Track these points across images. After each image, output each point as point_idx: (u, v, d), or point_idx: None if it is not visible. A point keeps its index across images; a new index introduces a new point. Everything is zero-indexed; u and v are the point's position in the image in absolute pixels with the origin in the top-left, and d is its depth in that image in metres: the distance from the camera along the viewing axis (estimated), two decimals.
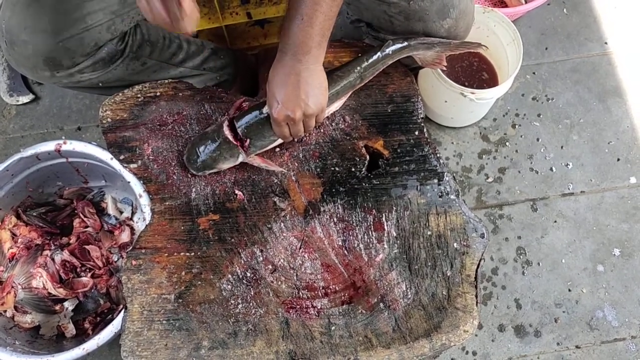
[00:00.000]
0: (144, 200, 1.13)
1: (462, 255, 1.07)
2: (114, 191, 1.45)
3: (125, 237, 1.40)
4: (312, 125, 1.05)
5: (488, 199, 1.59)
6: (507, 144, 1.64)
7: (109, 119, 1.15)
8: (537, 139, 1.65)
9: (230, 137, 1.05)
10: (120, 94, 1.16)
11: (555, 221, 1.57)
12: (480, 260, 1.07)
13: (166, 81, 1.18)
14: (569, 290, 1.50)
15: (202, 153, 1.07)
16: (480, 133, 1.66)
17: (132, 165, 1.13)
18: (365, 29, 1.14)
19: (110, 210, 1.44)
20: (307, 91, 0.99)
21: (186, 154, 1.10)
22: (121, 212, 1.45)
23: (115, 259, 1.39)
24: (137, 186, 1.13)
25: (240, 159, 1.08)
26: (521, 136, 1.65)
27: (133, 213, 1.46)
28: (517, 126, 1.66)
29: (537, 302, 1.49)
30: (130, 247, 1.10)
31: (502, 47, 1.53)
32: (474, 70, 1.62)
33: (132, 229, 1.44)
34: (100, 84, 1.16)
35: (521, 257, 1.53)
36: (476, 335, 1.46)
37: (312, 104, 1.00)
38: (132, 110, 1.15)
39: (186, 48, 1.30)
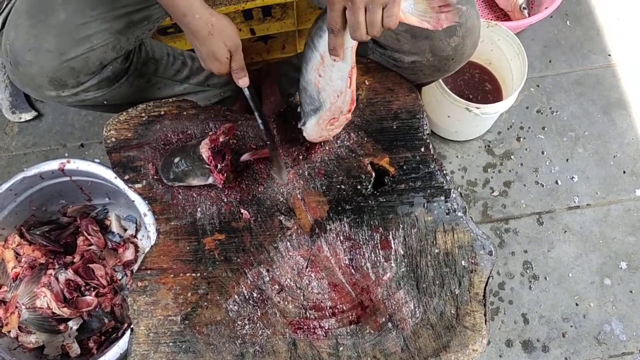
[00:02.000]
0: (149, 220, 1.13)
1: (470, 273, 1.06)
2: (117, 208, 1.45)
3: (129, 254, 1.40)
4: (379, 18, 0.78)
5: (494, 212, 1.58)
6: (512, 157, 1.64)
7: (113, 139, 1.15)
8: (542, 152, 1.65)
9: (205, 156, 1.05)
10: (125, 113, 1.16)
11: (562, 235, 1.56)
12: (488, 278, 1.06)
13: (170, 100, 1.18)
14: (577, 304, 1.50)
15: (175, 164, 1.07)
16: (485, 146, 1.66)
17: (137, 185, 1.13)
18: (372, 46, 1.14)
19: (114, 227, 1.44)
20: None
21: (162, 161, 1.10)
22: (125, 230, 1.44)
23: (120, 277, 1.38)
24: (141, 205, 1.13)
25: (210, 180, 1.07)
26: (526, 149, 1.65)
27: (137, 230, 1.45)
28: (521, 139, 1.66)
29: (545, 317, 1.48)
30: (135, 267, 1.09)
31: (507, 61, 1.53)
32: (476, 82, 1.63)
33: (136, 247, 1.43)
34: (105, 102, 1.17)
35: (528, 271, 1.53)
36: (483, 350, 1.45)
37: None
38: (137, 130, 1.15)
39: (190, 65, 1.31)
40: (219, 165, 1.06)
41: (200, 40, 0.96)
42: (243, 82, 1.03)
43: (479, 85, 1.62)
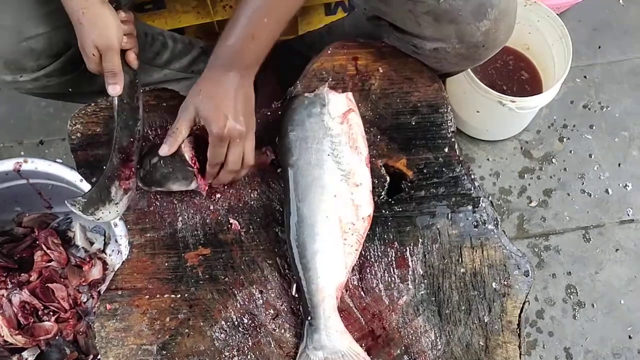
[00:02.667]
0: (120, 230, 1.13)
1: (502, 298, 1.06)
2: (82, 219, 1.45)
3: (96, 273, 1.41)
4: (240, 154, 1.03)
5: (531, 227, 1.59)
6: (553, 160, 1.65)
7: (79, 134, 1.16)
8: (590, 155, 1.65)
9: (188, 157, 1.05)
10: (93, 104, 1.17)
11: (612, 254, 1.56)
12: (524, 304, 1.06)
13: (147, 88, 1.19)
14: (630, 337, 1.50)
15: (152, 166, 1.06)
16: (522, 148, 1.66)
17: None
18: (388, 28, 1.14)
19: (79, 240, 1.45)
20: (242, 107, 1.01)
21: (137, 161, 1.10)
22: (91, 243, 1.45)
23: (85, 300, 1.39)
24: None
25: (193, 185, 1.08)
26: (570, 151, 1.66)
27: (106, 244, 1.46)
28: (565, 140, 1.67)
29: (592, 352, 1.48)
30: (104, 287, 1.10)
31: (547, 46, 1.54)
32: (510, 71, 1.63)
33: (104, 263, 1.44)
34: (70, 90, 1.17)
35: (572, 297, 1.53)
36: None
37: (245, 124, 1.01)
38: (107, 124, 1.16)
39: (172, 47, 1.32)
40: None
41: (74, 26, 0.98)
42: (113, 89, 1.04)
43: (514, 75, 1.62)
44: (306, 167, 1.05)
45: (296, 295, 1.06)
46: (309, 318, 1.02)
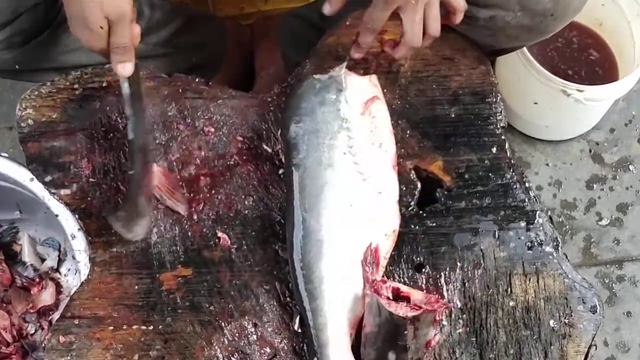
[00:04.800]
0: (79, 244, 1.14)
1: (562, 340, 1.06)
2: (32, 228, 1.46)
3: (47, 297, 1.41)
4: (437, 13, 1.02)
5: (601, 251, 1.58)
6: (630, 167, 1.64)
7: (30, 121, 1.17)
8: None
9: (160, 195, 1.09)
10: (49, 84, 1.17)
11: None
12: (589, 348, 1.06)
13: None
14: None
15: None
16: (590, 150, 1.66)
17: (64, 192, 1.14)
18: None
19: (27, 256, 1.45)
20: None
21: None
22: (43, 260, 1.46)
23: (32, 331, 1.40)
24: (69, 222, 1.14)
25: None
26: None
27: (60, 261, 1.47)
28: None
29: None
30: (57, 315, 1.10)
31: (625, 22, 1.54)
32: (575, 51, 1.63)
33: (58, 286, 1.44)
34: (18, 67, 1.18)
35: None
36: None
37: None
38: (66, 109, 1.17)
39: (148, 15, 1.32)
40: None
41: None
42: (123, 68, 1.02)
43: (581, 55, 1.62)
44: (315, 168, 1.05)
45: (299, 331, 1.06)
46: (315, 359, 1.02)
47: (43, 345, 1.35)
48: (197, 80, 1.21)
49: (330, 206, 1.03)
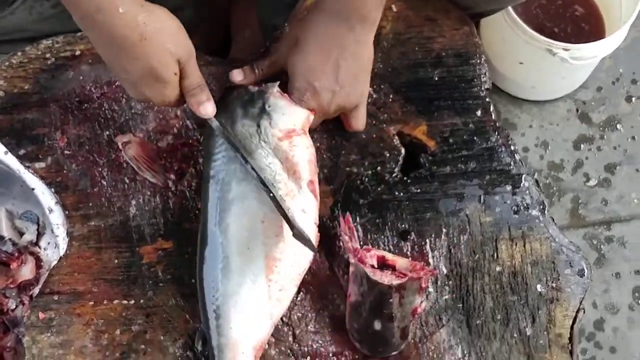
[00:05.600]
0: (56, 218, 1.13)
1: (549, 304, 1.06)
2: (9, 202, 1.45)
3: (27, 272, 1.40)
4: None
5: (589, 212, 1.58)
6: (618, 126, 1.64)
7: (1, 92, 1.15)
8: None
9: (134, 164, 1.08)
10: (20, 54, 1.16)
11: None
12: (577, 312, 1.06)
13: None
14: None
15: None
16: (577, 110, 1.65)
17: (38, 165, 1.13)
18: None
19: (4, 230, 1.44)
20: (352, 76, 1.03)
21: None
22: (21, 234, 1.45)
23: (12, 307, 1.39)
24: (45, 196, 1.13)
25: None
26: None
27: (39, 235, 1.46)
28: (634, 99, 1.66)
29: None
30: (36, 290, 1.09)
31: None
32: (560, 8, 1.62)
33: (37, 260, 1.43)
34: None
35: None
36: None
37: (353, 95, 1.05)
38: (38, 79, 1.15)
39: None
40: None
41: (127, 53, 0.89)
42: (206, 109, 0.99)
43: (566, 12, 1.61)
44: (229, 180, 1.02)
45: (200, 349, 1.04)
46: None
47: (24, 320, 1.34)
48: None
49: (241, 221, 1.00)
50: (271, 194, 0.97)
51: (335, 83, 1.03)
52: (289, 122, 1.04)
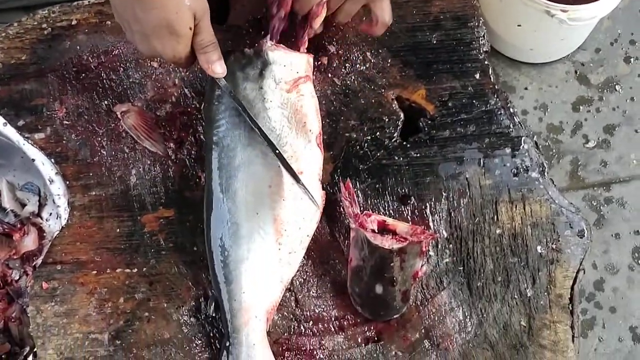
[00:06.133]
0: (57, 188, 1.13)
1: (549, 265, 1.07)
2: (10, 173, 1.45)
3: (30, 242, 1.41)
4: None
5: (588, 174, 1.58)
6: (617, 88, 1.63)
7: None
8: None
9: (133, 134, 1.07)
10: (16, 25, 1.16)
11: None
12: (578, 272, 1.07)
13: (86, 2, 1.17)
14: None
15: None
16: (576, 72, 1.65)
17: (38, 135, 1.13)
18: None
19: (6, 202, 1.44)
20: None
21: None
22: (23, 205, 1.45)
23: (16, 277, 1.39)
24: (45, 167, 1.13)
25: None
26: (639, 76, 1.64)
27: (41, 205, 1.46)
28: (632, 60, 1.65)
29: None
30: (39, 261, 1.10)
31: None
32: None
33: (40, 231, 1.44)
34: None
35: None
36: None
37: None
38: (35, 50, 1.15)
39: None
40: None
41: (145, 1, 0.88)
42: (218, 67, 0.98)
43: None
44: (234, 146, 1.02)
45: (214, 315, 1.05)
46: (228, 344, 1.01)
47: (28, 291, 1.35)
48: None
49: (248, 187, 1.00)
50: (277, 151, 0.98)
51: None
52: (292, 72, 1.04)
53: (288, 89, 1.03)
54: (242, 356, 0.99)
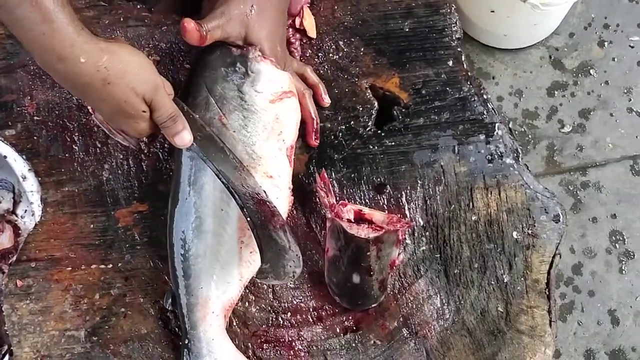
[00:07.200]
0: (30, 184, 1.12)
1: (525, 251, 1.08)
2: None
3: (5, 240, 1.40)
4: None
5: (564, 159, 1.59)
6: (591, 72, 1.64)
7: None
8: (638, 63, 1.65)
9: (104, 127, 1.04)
10: None
11: None
12: (554, 257, 1.08)
13: None
14: None
15: None
16: (550, 57, 1.65)
17: (9, 132, 1.12)
18: None
19: None
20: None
21: None
22: None
23: None
24: (18, 163, 1.12)
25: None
26: (613, 59, 1.65)
27: (16, 203, 1.45)
28: (606, 44, 1.66)
29: None
30: (13, 258, 1.09)
31: None
32: None
33: (15, 228, 1.43)
34: None
35: (617, 245, 1.55)
36: None
37: None
38: (4, 45, 1.14)
39: None
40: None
41: (93, 97, 0.91)
42: (182, 139, 0.97)
43: None
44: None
45: (170, 309, 1.05)
46: (187, 342, 1.00)
47: (2, 289, 1.34)
48: (138, 7, 1.18)
49: (216, 181, 0.99)
50: (239, 202, 0.96)
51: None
52: (276, 86, 1.04)
53: (272, 100, 1.02)
54: (202, 352, 0.99)
